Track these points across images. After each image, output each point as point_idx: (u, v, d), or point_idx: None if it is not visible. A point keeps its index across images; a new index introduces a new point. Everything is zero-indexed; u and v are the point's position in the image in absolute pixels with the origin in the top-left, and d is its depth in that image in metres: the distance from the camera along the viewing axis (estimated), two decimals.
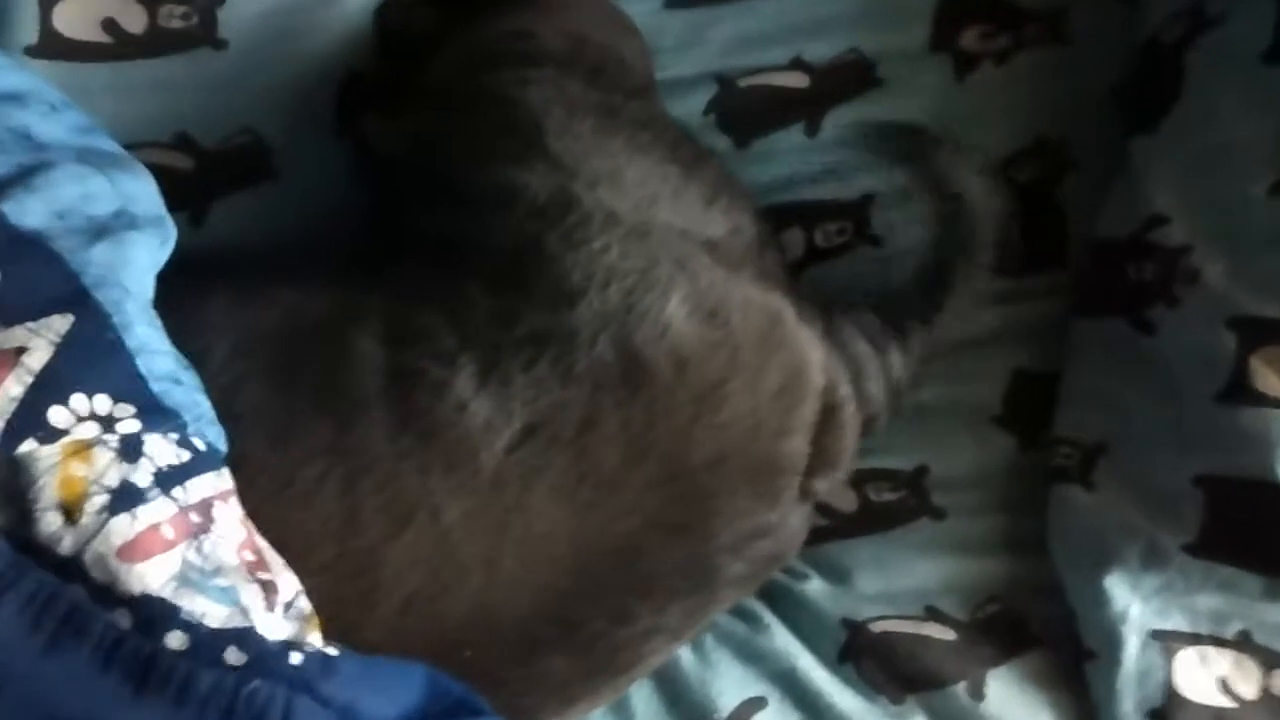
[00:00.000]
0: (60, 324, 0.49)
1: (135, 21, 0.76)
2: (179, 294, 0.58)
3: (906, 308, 0.72)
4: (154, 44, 0.75)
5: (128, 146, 0.71)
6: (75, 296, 0.50)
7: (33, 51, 0.74)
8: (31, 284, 0.49)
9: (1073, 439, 0.73)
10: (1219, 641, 0.69)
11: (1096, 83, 0.79)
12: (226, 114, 0.75)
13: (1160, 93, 0.73)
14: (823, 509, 0.74)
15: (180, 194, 0.73)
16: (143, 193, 0.57)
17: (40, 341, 0.48)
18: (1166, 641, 0.69)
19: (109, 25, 0.76)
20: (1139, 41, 0.76)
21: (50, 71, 0.74)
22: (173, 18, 0.76)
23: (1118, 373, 0.71)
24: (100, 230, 0.53)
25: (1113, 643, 0.70)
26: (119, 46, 0.75)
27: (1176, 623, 0.70)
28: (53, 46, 0.74)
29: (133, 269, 0.53)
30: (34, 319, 0.49)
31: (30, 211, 0.51)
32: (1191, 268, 0.68)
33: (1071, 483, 0.72)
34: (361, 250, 0.70)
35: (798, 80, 0.80)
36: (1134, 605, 0.69)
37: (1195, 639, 0.69)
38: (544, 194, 0.64)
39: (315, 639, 0.51)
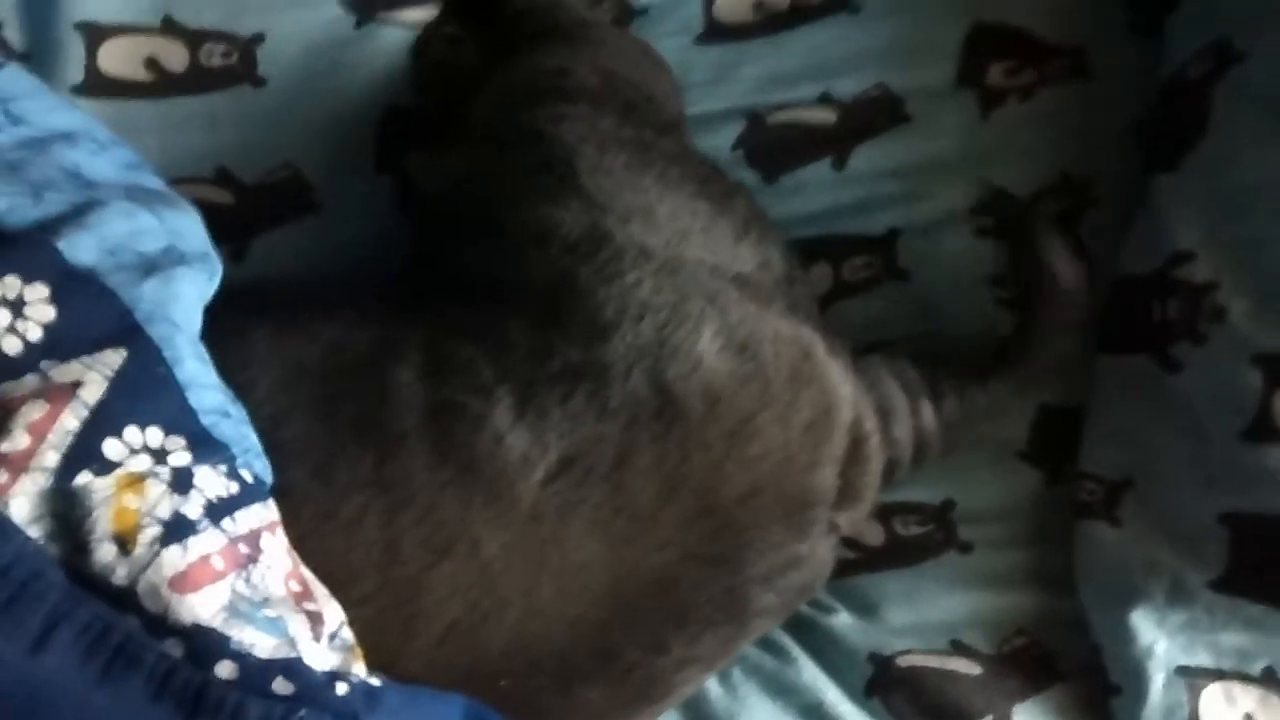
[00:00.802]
0: (114, 358, 0.50)
1: (177, 60, 0.78)
2: (223, 327, 0.60)
3: (947, 371, 0.72)
4: (195, 82, 0.77)
5: (170, 182, 0.73)
6: (128, 332, 0.51)
7: (79, 90, 0.76)
8: (86, 319, 0.51)
9: (1098, 475, 0.73)
10: (1245, 678, 0.69)
11: (1120, 118, 0.80)
12: (267, 150, 0.77)
13: (1183, 130, 0.74)
14: (850, 542, 0.75)
15: (222, 229, 0.74)
16: (190, 229, 0.59)
17: (95, 376, 0.49)
18: (1192, 678, 0.70)
19: (151, 64, 0.77)
20: (1162, 78, 0.77)
21: (96, 109, 0.75)
22: (213, 56, 0.78)
23: (1142, 409, 0.72)
24: (150, 266, 0.54)
25: (1138, 678, 0.70)
26: (161, 84, 0.77)
27: (1202, 659, 0.70)
28: (98, 85, 0.76)
29: (181, 304, 0.54)
30: (89, 353, 0.50)
31: (83, 248, 0.52)
32: (1217, 305, 0.69)
33: (1097, 519, 0.72)
34: (401, 283, 0.71)
35: (826, 116, 0.81)
36: (1160, 641, 0.70)
37: (1220, 675, 0.70)
38: (577, 230, 0.65)
39: (359, 669, 0.51)
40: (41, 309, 0.50)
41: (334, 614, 0.52)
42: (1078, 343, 0.74)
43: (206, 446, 0.51)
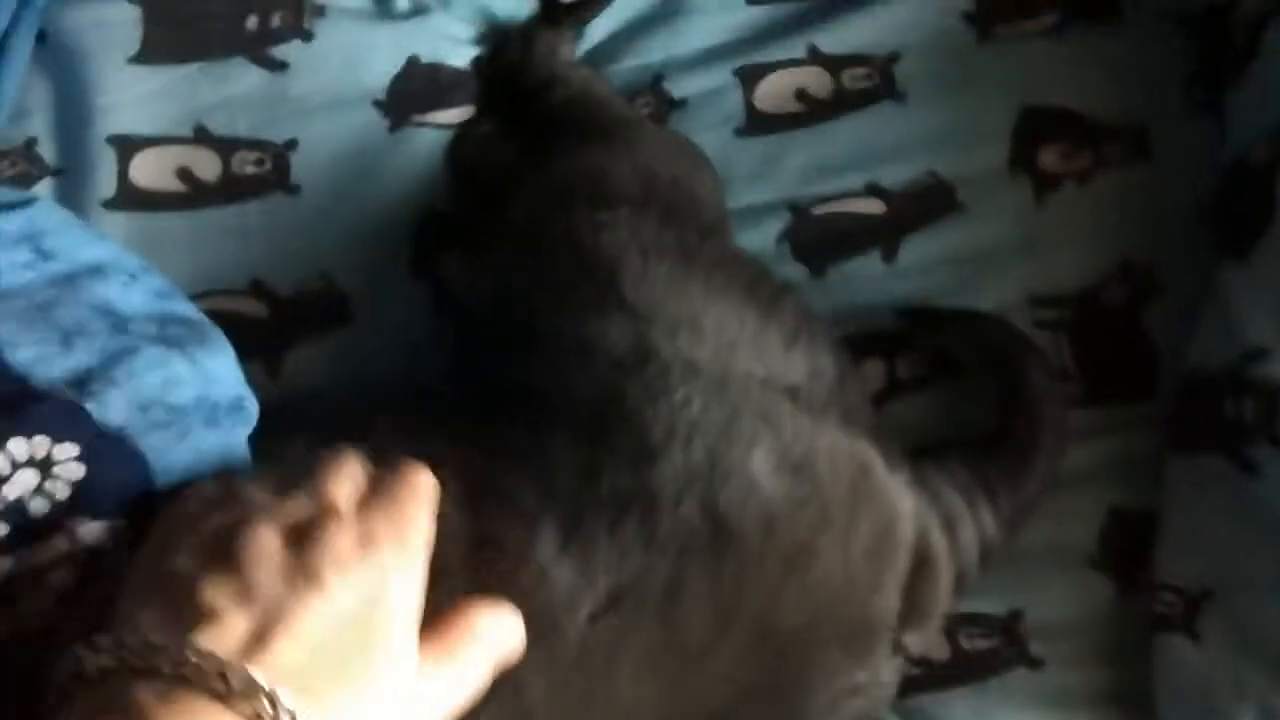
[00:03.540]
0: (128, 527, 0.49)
1: (209, 169, 0.77)
2: (259, 452, 0.58)
3: (992, 464, 0.70)
4: (228, 191, 0.76)
5: (203, 294, 0.72)
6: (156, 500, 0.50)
7: (111, 204, 0.75)
8: (115, 480, 0.50)
9: (1175, 585, 0.69)
10: None
11: (1184, 201, 0.77)
12: (301, 259, 0.76)
13: (1250, 218, 0.71)
14: (913, 657, 0.71)
15: (256, 343, 0.73)
16: (222, 371, 0.57)
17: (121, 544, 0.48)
18: None
19: (184, 174, 0.77)
20: (1226, 161, 0.74)
21: (128, 224, 0.75)
22: (246, 164, 0.77)
23: (1220, 513, 0.68)
24: (184, 429, 0.53)
25: None
26: (194, 195, 0.76)
27: None
28: (130, 198, 0.76)
29: (211, 466, 0.53)
30: (118, 515, 0.49)
31: (114, 408, 0.51)
32: None
33: (1175, 632, 0.68)
34: (438, 396, 0.69)
35: (874, 207, 0.79)
36: None
37: None
38: (622, 344, 0.63)
39: None
40: (70, 467, 0.49)
41: None
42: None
43: None
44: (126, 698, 0.40)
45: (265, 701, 0.41)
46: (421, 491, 0.51)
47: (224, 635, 0.42)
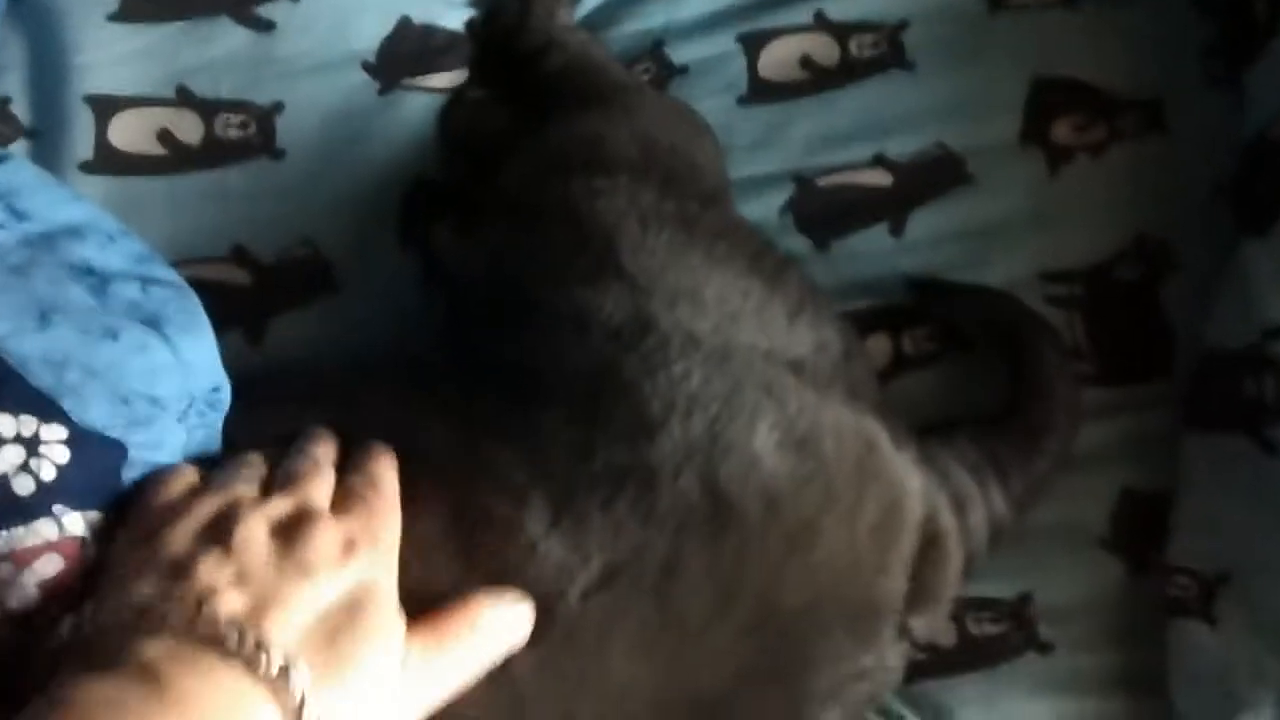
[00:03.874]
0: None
1: (191, 132, 0.74)
2: (240, 426, 0.57)
3: (1002, 443, 0.67)
4: (210, 155, 0.73)
5: (184, 262, 0.70)
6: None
7: (89, 167, 0.72)
8: (98, 471, 0.49)
9: (1190, 568, 0.67)
10: None
11: (1198, 175, 0.74)
12: (285, 226, 0.73)
13: (1270, 194, 0.68)
14: (919, 643, 0.69)
15: (237, 310, 0.71)
16: (201, 356, 0.55)
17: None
18: None
19: (164, 136, 0.74)
20: (1246, 137, 0.72)
21: (106, 187, 0.72)
22: (229, 127, 0.74)
23: (1237, 495, 0.66)
24: (161, 432, 0.52)
25: None
26: (175, 158, 0.73)
27: None
28: (109, 161, 0.72)
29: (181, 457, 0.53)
30: (97, 508, 0.48)
31: (94, 404, 0.49)
32: None
33: (1191, 617, 0.66)
34: (428, 369, 0.66)
35: (880, 178, 0.76)
36: None
37: None
38: (619, 315, 0.60)
39: None
40: (57, 449, 0.48)
41: None
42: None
43: None
44: (130, 653, 0.41)
45: (275, 658, 0.42)
46: (389, 490, 0.54)
47: (222, 608, 0.43)
